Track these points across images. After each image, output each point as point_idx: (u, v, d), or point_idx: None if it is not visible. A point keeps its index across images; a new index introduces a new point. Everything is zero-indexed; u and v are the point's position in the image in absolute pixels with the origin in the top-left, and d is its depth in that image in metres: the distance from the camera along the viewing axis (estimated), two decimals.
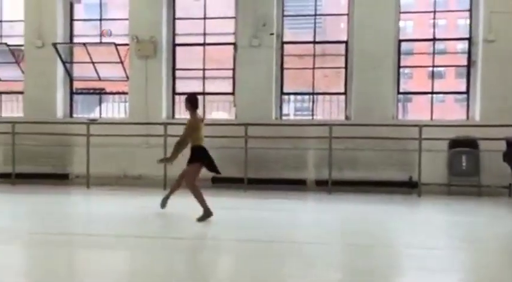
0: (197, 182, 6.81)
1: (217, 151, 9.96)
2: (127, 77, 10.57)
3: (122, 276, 4.35)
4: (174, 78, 10.66)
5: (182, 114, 10.70)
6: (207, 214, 6.54)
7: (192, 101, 6.97)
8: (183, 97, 10.60)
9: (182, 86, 10.78)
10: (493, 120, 9.03)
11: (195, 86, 10.68)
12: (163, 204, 7.08)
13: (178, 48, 10.69)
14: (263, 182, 9.65)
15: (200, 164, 6.84)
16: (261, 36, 9.98)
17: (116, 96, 11.24)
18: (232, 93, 10.40)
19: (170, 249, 5.30)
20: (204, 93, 10.58)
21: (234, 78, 10.34)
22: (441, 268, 4.55)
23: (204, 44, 10.58)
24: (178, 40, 10.68)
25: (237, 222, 6.67)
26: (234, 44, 10.31)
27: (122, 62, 10.41)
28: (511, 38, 9.27)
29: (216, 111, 10.99)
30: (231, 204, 8.35)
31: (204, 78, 10.59)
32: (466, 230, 6.46)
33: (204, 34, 10.56)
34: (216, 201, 8.76)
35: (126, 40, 10.56)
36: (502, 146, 8.45)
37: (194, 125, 6.85)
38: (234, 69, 10.32)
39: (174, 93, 10.68)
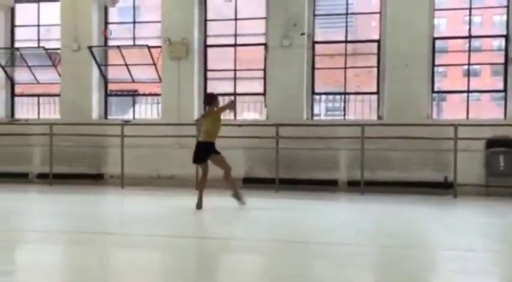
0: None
1: (249, 151, 10.07)
2: (159, 79, 10.72)
3: (154, 275, 4.42)
4: (205, 79, 10.76)
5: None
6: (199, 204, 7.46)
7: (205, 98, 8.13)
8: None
9: (214, 87, 10.86)
10: None
11: (226, 87, 10.76)
12: (240, 199, 7.65)
13: (209, 50, 10.78)
14: (294, 182, 9.64)
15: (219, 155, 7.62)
16: (292, 36, 9.97)
17: (149, 97, 11.42)
18: (264, 94, 10.42)
19: (201, 249, 5.35)
20: (235, 94, 10.63)
21: (265, 78, 10.36)
22: (479, 271, 4.44)
23: (235, 45, 10.64)
24: (209, 41, 10.77)
25: (268, 223, 6.68)
26: (265, 44, 10.33)
27: (154, 64, 10.57)
28: None
29: (247, 112, 11.03)
30: (262, 204, 8.36)
31: (235, 78, 10.64)
32: (504, 232, 6.28)
33: (235, 35, 10.62)
34: (248, 201, 8.83)
35: (158, 42, 10.73)
36: None
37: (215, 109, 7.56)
38: (265, 70, 10.34)
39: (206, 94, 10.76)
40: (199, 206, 7.45)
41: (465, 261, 4.71)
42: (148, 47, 10.46)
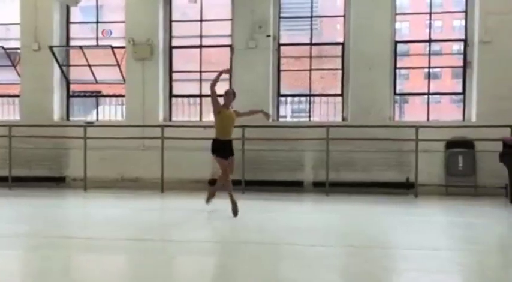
0: (227, 173, 7.21)
1: None
2: (124, 80, 10.57)
3: (118, 279, 4.35)
4: (171, 80, 10.67)
5: (179, 116, 10.73)
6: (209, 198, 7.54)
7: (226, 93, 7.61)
8: (180, 99, 10.78)
9: (179, 89, 10.79)
10: (489, 121, 9.06)
11: (192, 88, 10.70)
12: (235, 209, 7.14)
13: (175, 51, 10.69)
14: (260, 183, 9.67)
15: (216, 156, 7.26)
16: (257, 38, 10.01)
17: (113, 98, 11.22)
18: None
19: (168, 252, 5.30)
20: (201, 96, 10.60)
21: (230, 80, 10.34)
22: (440, 269, 4.56)
23: (200, 46, 10.59)
24: (175, 42, 10.69)
25: (234, 225, 6.68)
26: (230, 46, 10.33)
27: (118, 65, 10.41)
28: (506, 39, 9.32)
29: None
30: (228, 206, 8.34)
31: (201, 80, 10.59)
32: (463, 231, 6.48)
33: (201, 36, 10.57)
34: (214, 203, 8.80)
35: (122, 43, 10.57)
36: (499, 146, 8.48)
37: (219, 107, 7.34)
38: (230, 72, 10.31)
39: (171, 95, 10.69)
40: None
41: (426, 260, 4.83)
42: (112, 48, 10.30)
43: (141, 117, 10.28)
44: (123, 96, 10.80)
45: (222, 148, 7.17)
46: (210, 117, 10.79)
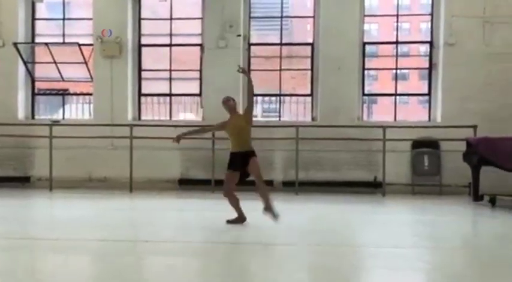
0: (228, 191, 6.42)
1: (184, 153, 9.99)
2: (91, 78, 10.39)
3: (85, 281, 4.27)
4: (140, 79, 10.54)
5: (148, 115, 10.62)
6: (240, 219, 6.38)
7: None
8: (149, 98, 10.67)
9: (148, 87, 10.67)
10: (453, 121, 9.30)
11: (161, 87, 10.61)
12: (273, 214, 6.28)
13: (144, 49, 10.57)
14: None
15: (232, 171, 6.37)
16: (228, 37, 10.00)
17: (80, 97, 11.02)
18: (199, 95, 10.36)
19: (136, 252, 5.23)
20: (170, 95, 10.52)
21: (201, 79, 10.31)
22: (406, 267, 4.65)
23: (170, 45, 10.51)
24: (144, 41, 10.57)
25: (203, 225, 6.65)
26: (200, 45, 10.28)
27: (86, 63, 10.22)
28: (470, 42, 9.59)
29: (183, 113, 10.93)
30: (198, 206, 8.32)
31: (170, 79, 10.51)
32: (429, 229, 6.62)
33: (171, 35, 10.49)
34: (183, 202, 8.75)
35: (90, 40, 10.38)
36: (463, 146, 8.71)
37: (219, 125, 6.58)
38: (201, 71, 10.29)
39: (140, 94, 10.57)
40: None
41: (393, 257, 4.92)
42: (79, 45, 10.11)
43: (110, 116, 10.13)
44: (90, 94, 10.61)
45: (235, 161, 6.33)
46: (179, 116, 10.80)
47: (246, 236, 5.88)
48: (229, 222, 6.37)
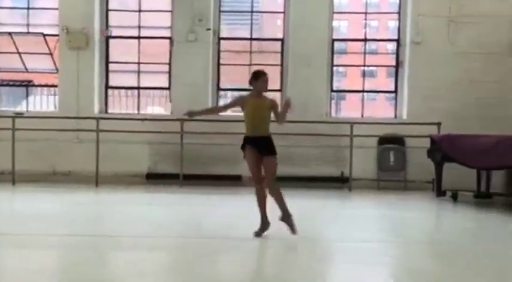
0: (254, 179, 5.55)
1: (152, 146, 9.89)
2: (56, 69, 10.14)
3: (49, 276, 4.19)
4: (107, 71, 10.35)
5: (116, 108, 10.45)
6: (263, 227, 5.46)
7: (253, 75, 5.61)
8: (117, 91, 10.49)
9: (116, 80, 10.50)
10: (418, 118, 9.50)
11: (129, 80, 10.45)
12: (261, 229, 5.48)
13: (111, 41, 10.38)
14: (199, 177, 9.62)
15: (246, 156, 5.49)
16: (197, 31, 9.91)
17: (45, 88, 10.74)
18: (168, 88, 10.26)
19: (100, 247, 5.15)
20: (138, 88, 10.38)
21: (170, 73, 10.20)
22: (371, 261, 4.73)
23: (139, 37, 10.35)
24: (111, 32, 10.36)
25: (171, 219, 6.60)
26: (170, 38, 10.16)
27: (51, 53, 9.97)
28: (436, 40, 9.79)
29: (152, 106, 10.81)
30: (166, 200, 8.26)
31: (139, 72, 10.37)
32: (393, 223, 6.76)
33: (139, 27, 10.33)
34: (150, 197, 8.67)
35: (56, 31, 10.13)
36: (427, 143, 8.91)
37: (238, 101, 5.68)
38: (170, 64, 10.18)
39: (107, 86, 10.38)
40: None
41: (359, 252, 5.00)
42: (44, 35, 9.84)
43: (75, 108, 9.91)
44: (55, 86, 10.36)
45: (252, 144, 5.44)
46: (147, 110, 10.66)
47: (212, 231, 5.86)
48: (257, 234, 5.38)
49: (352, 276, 4.28)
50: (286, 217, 5.38)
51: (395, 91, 10.27)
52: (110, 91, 10.41)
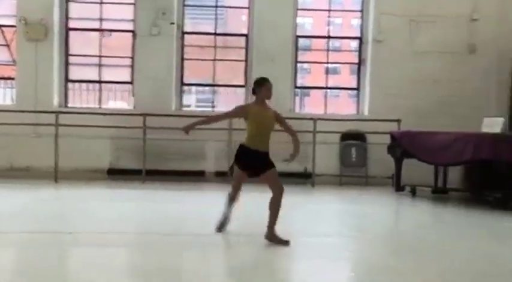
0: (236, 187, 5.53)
1: (114, 142, 9.71)
2: (14, 61, 9.80)
3: (5, 275, 4.06)
4: (67, 64, 10.09)
5: (76, 102, 10.21)
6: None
7: (255, 84, 5.35)
8: (77, 84, 10.25)
9: (76, 73, 10.24)
10: (379, 115, 9.69)
11: (90, 74, 10.22)
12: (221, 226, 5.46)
13: (71, 33, 10.11)
14: (162, 173, 9.52)
15: (238, 167, 5.28)
16: (161, 24, 9.78)
17: (1, 81, 10.36)
18: (131, 83, 10.09)
19: (60, 244, 5.04)
20: (100, 82, 10.17)
21: (132, 66, 10.03)
22: (334, 256, 4.81)
23: (100, 30, 10.13)
24: (72, 24, 10.11)
25: (133, 216, 6.52)
26: (132, 31, 9.99)
27: (8, 45, 9.64)
28: (398, 39, 10.00)
29: (114, 101, 10.62)
30: (128, 196, 8.14)
31: (100, 65, 10.15)
32: (355, 218, 6.89)
33: (101, 19, 10.11)
34: (112, 193, 8.53)
35: (13, 21, 9.78)
36: (387, 139, 9.10)
37: (237, 109, 5.36)
38: (132, 58, 10.01)
39: (67, 80, 10.12)
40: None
41: (321, 247, 5.07)
42: (1, 26, 9.50)
43: (34, 102, 9.62)
44: (13, 79, 10.02)
45: (249, 158, 5.20)
46: (109, 104, 10.46)
47: (175, 227, 5.82)
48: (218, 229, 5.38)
49: (315, 271, 4.34)
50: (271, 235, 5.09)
51: (358, 88, 10.44)
52: (70, 84, 10.15)
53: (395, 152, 8.84)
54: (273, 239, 5.03)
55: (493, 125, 8.22)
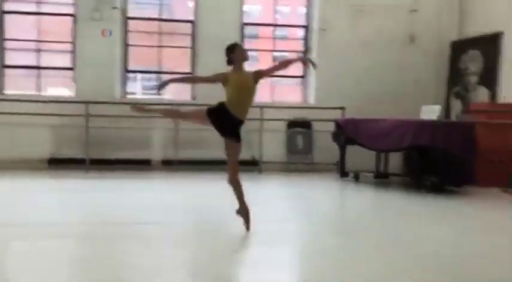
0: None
1: (55, 130, 9.38)
2: None
3: None
4: (3, 49, 9.59)
5: (13, 89, 9.75)
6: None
7: (226, 51, 5.15)
8: (14, 70, 9.77)
9: (13, 58, 9.76)
10: (325, 103, 9.89)
11: (28, 59, 9.78)
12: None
13: (7, 16, 9.61)
14: (106, 162, 9.30)
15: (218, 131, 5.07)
16: (103, 9, 9.47)
17: None
18: (72, 69, 9.74)
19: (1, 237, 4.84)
20: (39, 67, 9.75)
21: (74, 52, 9.68)
22: (282, 241, 4.89)
23: (38, 13, 9.68)
24: (7, 7, 9.60)
25: (75, 205, 6.34)
26: (73, 15, 9.62)
27: None
28: (341, 28, 10.19)
29: (55, 88, 10.23)
30: (71, 186, 7.90)
31: (39, 50, 9.72)
32: (301, 203, 7.02)
33: (39, 2, 9.66)
34: (55, 183, 8.26)
35: None
36: (332, 127, 9.31)
37: (218, 75, 5.09)
38: (73, 43, 9.65)
39: (3, 65, 9.63)
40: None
41: (270, 232, 5.14)
42: None
43: None
44: None
45: (229, 120, 4.99)
46: (49, 91, 10.05)
47: (120, 216, 5.72)
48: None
49: (263, 256, 4.40)
50: (242, 211, 5.05)
51: (304, 76, 10.58)
52: (6, 70, 9.67)
53: (340, 139, 9.06)
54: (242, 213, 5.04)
55: (431, 112, 8.58)
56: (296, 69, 10.34)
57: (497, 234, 5.38)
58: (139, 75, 10.92)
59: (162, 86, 5.14)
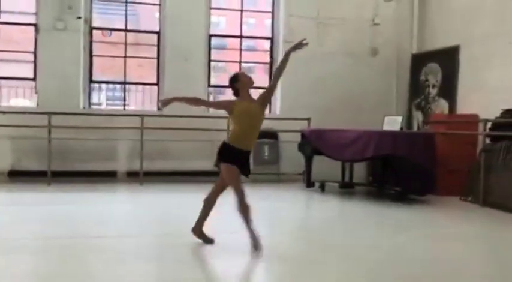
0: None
1: (16, 142, 9.15)
2: None
3: None
4: None
5: None
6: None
7: (230, 82, 5.02)
8: None
9: None
10: (291, 114, 10.00)
11: None
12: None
13: None
14: (70, 174, 9.13)
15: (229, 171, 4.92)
16: (66, 19, 9.34)
17: None
18: (34, 79, 9.55)
19: None
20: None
21: (35, 62, 9.50)
22: (242, 251, 4.89)
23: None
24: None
25: (40, 219, 6.19)
26: (35, 25, 9.45)
27: None
28: (306, 40, 10.32)
29: (15, 98, 10.00)
30: (32, 199, 7.70)
31: None
32: (266, 215, 7.04)
33: None
34: (15, 196, 8.05)
35: None
36: (298, 137, 9.41)
37: (224, 102, 5.07)
38: (35, 53, 9.47)
39: None
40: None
41: (230, 243, 5.14)
42: None
43: None
44: None
45: (236, 156, 4.84)
46: (9, 102, 9.81)
47: (85, 230, 5.61)
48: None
49: (221, 267, 4.40)
50: (254, 239, 4.84)
51: None
52: None
53: (306, 149, 9.16)
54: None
55: (393, 123, 8.79)
56: (263, 80, 10.42)
57: (452, 241, 5.55)
58: (104, 86, 10.80)
59: (165, 103, 5.02)
